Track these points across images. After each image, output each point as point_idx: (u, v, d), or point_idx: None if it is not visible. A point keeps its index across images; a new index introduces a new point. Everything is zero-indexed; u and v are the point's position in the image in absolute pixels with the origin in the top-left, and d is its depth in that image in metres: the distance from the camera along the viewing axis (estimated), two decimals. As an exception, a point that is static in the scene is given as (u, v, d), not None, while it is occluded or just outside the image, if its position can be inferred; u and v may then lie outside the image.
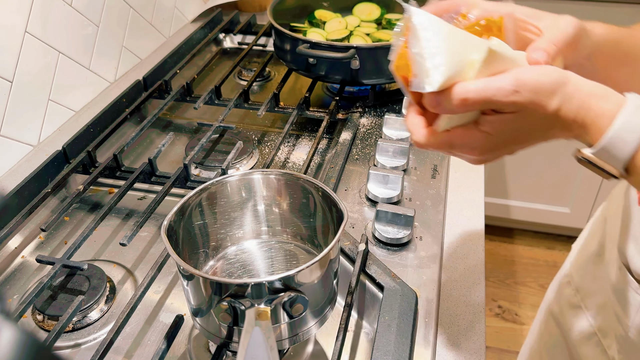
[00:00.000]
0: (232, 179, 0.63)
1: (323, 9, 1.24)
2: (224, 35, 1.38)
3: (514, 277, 2.04)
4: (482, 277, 0.70)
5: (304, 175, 0.62)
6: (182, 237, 0.59)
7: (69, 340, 0.66)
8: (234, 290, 0.50)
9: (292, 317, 0.53)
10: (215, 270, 0.64)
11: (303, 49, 0.97)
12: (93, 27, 1.08)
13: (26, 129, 0.94)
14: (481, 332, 0.63)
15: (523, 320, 1.89)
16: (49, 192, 0.80)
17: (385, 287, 0.64)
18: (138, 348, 0.64)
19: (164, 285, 0.72)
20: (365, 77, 1.01)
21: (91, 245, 0.79)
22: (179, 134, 1.05)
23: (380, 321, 0.60)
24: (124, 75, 1.19)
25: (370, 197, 0.81)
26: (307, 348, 0.64)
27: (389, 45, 0.99)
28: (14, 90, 0.90)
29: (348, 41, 1.11)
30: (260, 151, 0.98)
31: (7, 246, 0.78)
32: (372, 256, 0.70)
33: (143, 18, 1.24)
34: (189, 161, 0.85)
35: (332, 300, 0.58)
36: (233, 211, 0.65)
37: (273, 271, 0.64)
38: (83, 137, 0.93)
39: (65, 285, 0.70)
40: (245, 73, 1.23)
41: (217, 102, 1.07)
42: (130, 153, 0.99)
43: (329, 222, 0.61)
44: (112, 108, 1.00)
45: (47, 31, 0.95)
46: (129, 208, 0.86)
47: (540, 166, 1.93)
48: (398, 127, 0.93)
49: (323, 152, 0.97)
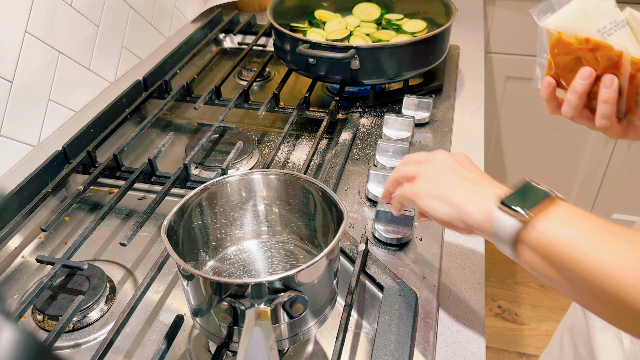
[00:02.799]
0: (232, 179, 0.63)
1: (323, 9, 1.24)
2: (224, 35, 1.38)
3: (514, 277, 2.04)
4: (482, 277, 0.70)
5: (304, 175, 0.62)
6: (182, 237, 0.59)
7: (69, 340, 0.66)
8: (234, 290, 0.50)
9: (292, 317, 0.53)
10: (215, 270, 0.64)
11: (303, 49, 0.98)
12: (93, 27, 1.08)
13: (26, 129, 0.94)
14: (481, 332, 0.63)
15: (523, 320, 1.89)
16: (49, 192, 0.80)
17: (385, 287, 0.64)
18: (138, 348, 0.64)
19: (164, 285, 0.72)
20: (365, 77, 1.01)
21: (91, 245, 0.79)
22: (179, 134, 1.05)
23: (380, 321, 0.60)
24: (124, 75, 1.19)
25: (370, 197, 0.81)
26: (307, 348, 0.64)
27: (389, 45, 1.00)
28: (14, 90, 0.90)
29: (348, 41, 1.11)
30: (260, 151, 0.98)
31: (7, 246, 0.78)
32: (372, 256, 0.70)
33: (143, 18, 1.24)
34: (189, 161, 0.85)
35: (332, 300, 0.58)
36: (233, 211, 0.65)
37: (273, 271, 0.64)
38: (83, 137, 0.93)
39: (65, 285, 0.70)
40: (245, 73, 1.23)
41: (217, 102, 1.07)
42: (130, 153, 0.99)
43: (329, 222, 0.61)
44: (112, 108, 1.00)
45: (47, 31, 0.96)
46: (129, 208, 0.86)
47: (540, 166, 1.93)
48: (398, 127, 0.93)
49: (323, 152, 0.97)
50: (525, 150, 1.91)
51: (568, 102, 0.62)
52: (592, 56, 0.58)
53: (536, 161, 1.93)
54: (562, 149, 1.86)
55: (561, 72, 0.62)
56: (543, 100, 0.66)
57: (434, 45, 1.02)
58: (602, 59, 0.57)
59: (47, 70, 0.97)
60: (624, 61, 0.56)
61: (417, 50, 1.00)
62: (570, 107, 0.62)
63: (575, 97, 0.61)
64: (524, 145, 1.90)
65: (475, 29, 1.40)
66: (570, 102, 0.62)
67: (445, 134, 0.97)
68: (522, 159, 1.93)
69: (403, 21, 1.18)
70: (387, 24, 1.19)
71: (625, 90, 0.57)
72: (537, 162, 1.93)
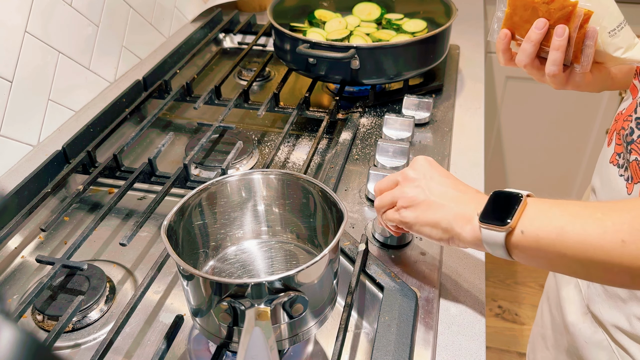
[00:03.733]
0: (232, 179, 0.63)
1: (323, 9, 1.24)
2: (224, 35, 1.38)
3: (514, 277, 2.04)
4: (482, 277, 0.70)
5: (304, 175, 0.62)
6: (182, 237, 0.59)
7: (69, 340, 0.66)
8: (234, 290, 0.50)
9: (292, 317, 0.52)
10: (215, 270, 0.64)
11: (303, 49, 0.97)
12: (93, 27, 1.08)
13: (26, 129, 0.94)
14: (481, 332, 0.63)
15: (523, 320, 1.89)
16: (49, 192, 0.80)
17: (385, 287, 0.64)
18: (138, 348, 0.64)
19: (164, 285, 0.72)
20: (365, 77, 1.01)
21: (91, 245, 0.79)
22: (179, 134, 1.05)
23: (380, 321, 0.60)
24: (124, 75, 1.19)
25: (370, 197, 0.81)
26: (307, 348, 0.64)
27: (389, 45, 1.00)
28: (14, 90, 0.90)
29: (348, 41, 1.11)
30: (260, 151, 0.98)
31: (7, 246, 0.78)
32: (372, 256, 0.70)
33: (143, 18, 1.24)
34: (189, 161, 0.85)
35: (332, 300, 0.58)
36: (233, 211, 0.65)
37: (273, 271, 0.64)
38: (83, 137, 0.93)
39: (65, 285, 0.70)
40: (245, 73, 1.23)
41: (217, 102, 1.07)
42: (130, 153, 0.99)
43: (329, 222, 0.61)
44: (112, 108, 1.00)
45: (47, 31, 0.95)
46: (129, 208, 0.86)
47: (541, 166, 1.93)
48: (398, 127, 0.93)
49: (323, 152, 0.97)
50: (525, 150, 1.91)
51: (523, 50, 0.68)
52: (546, 8, 0.65)
53: (536, 161, 1.93)
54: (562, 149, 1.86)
55: (517, 24, 0.69)
56: (499, 51, 0.73)
57: (434, 45, 1.02)
58: (556, 10, 0.64)
59: (47, 70, 0.97)
60: (577, 11, 0.63)
61: (417, 50, 1.00)
62: (525, 55, 0.68)
63: (531, 45, 0.67)
64: (524, 145, 1.90)
65: (475, 29, 1.40)
66: (526, 50, 0.68)
67: (445, 134, 0.97)
68: (522, 159, 1.93)
69: (403, 21, 1.18)
70: (387, 23, 1.19)
71: (574, 39, 0.64)
72: (537, 162, 1.93)
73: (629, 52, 0.64)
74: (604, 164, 0.71)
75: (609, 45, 0.64)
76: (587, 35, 0.63)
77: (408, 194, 0.60)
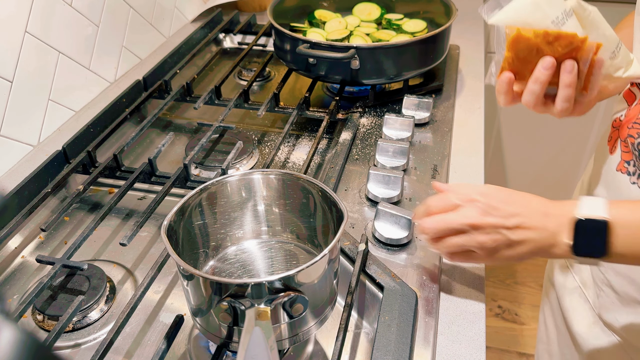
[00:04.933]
0: (232, 179, 0.63)
1: (323, 9, 1.24)
2: (224, 35, 1.38)
3: (514, 277, 2.04)
4: (482, 277, 0.70)
5: (304, 175, 0.62)
6: (182, 237, 0.59)
7: (69, 340, 0.66)
8: (234, 290, 0.50)
9: (292, 317, 0.53)
10: (215, 270, 0.64)
11: (303, 49, 0.97)
12: (93, 27, 1.08)
13: (26, 129, 0.94)
14: (481, 332, 0.63)
15: (523, 320, 1.89)
16: (49, 192, 0.80)
17: (385, 287, 0.64)
18: (138, 348, 0.64)
19: (164, 285, 0.72)
20: (365, 77, 1.01)
21: (91, 245, 0.79)
22: (179, 134, 1.05)
23: (380, 321, 0.60)
24: (124, 75, 1.19)
25: (370, 197, 0.81)
26: (307, 348, 0.64)
27: (389, 45, 1.00)
28: (14, 90, 0.90)
29: (348, 41, 1.11)
30: (260, 151, 0.98)
31: (7, 246, 0.78)
32: (372, 256, 0.70)
33: (143, 18, 1.24)
34: (189, 161, 0.85)
35: (332, 300, 0.58)
36: (233, 211, 0.65)
37: (273, 271, 0.64)
38: (83, 137, 0.93)
39: (65, 285, 0.70)
40: (245, 73, 1.23)
41: (217, 102, 1.07)
42: (130, 153, 0.99)
43: (329, 222, 0.61)
44: (112, 108, 1.00)
45: (47, 31, 0.95)
46: (129, 208, 0.86)
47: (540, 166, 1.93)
48: (398, 127, 0.93)
49: (323, 152, 0.97)
50: (525, 150, 1.91)
51: (531, 92, 0.65)
52: (549, 46, 0.62)
53: (536, 161, 1.93)
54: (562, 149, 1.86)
55: (518, 65, 0.65)
56: (500, 94, 0.68)
57: (434, 45, 1.02)
58: (562, 47, 0.61)
59: (47, 70, 0.97)
60: (588, 45, 0.60)
61: (417, 50, 1.00)
62: (533, 96, 0.65)
63: (539, 86, 0.64)
64: (524, 145, 1.90)
65: (475, 29, 1.40)
66: (534, 91, 0.64)
67: (445, 134, 0.97)
68: (522, 159, 1.93)
69: (403, 21, 1.18)
70: (387, 23, 1.19)
71: (584, 73, 0.62)
72: (537, 162, 1.93)
73: (629, 71, 0.63)
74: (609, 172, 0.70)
75: (611, 67, 0.63)
76: (595, 66, 0.62)
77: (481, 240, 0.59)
